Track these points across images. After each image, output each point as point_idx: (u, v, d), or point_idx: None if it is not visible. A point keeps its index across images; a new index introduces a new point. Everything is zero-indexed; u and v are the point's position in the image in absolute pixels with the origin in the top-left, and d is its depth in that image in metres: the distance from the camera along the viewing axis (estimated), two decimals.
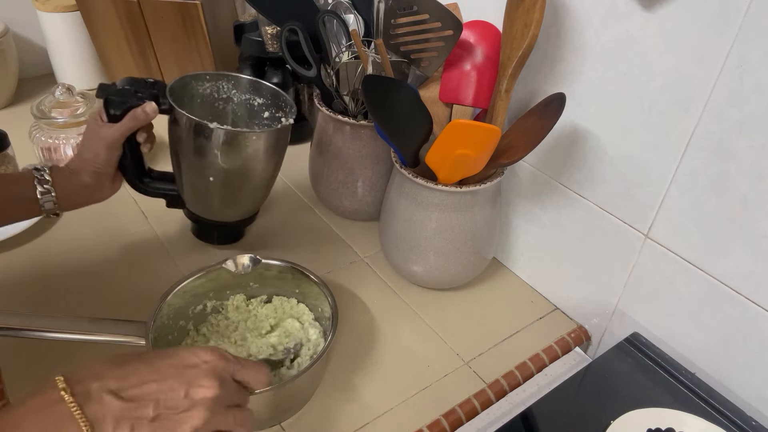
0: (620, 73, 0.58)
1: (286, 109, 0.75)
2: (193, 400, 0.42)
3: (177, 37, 1.00)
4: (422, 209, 0.67)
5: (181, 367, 0.43)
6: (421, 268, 0.71)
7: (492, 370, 0.66)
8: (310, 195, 0.89)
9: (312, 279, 0.65)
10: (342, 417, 0.60)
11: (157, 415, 0.40)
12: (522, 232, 0.77)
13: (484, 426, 0.60)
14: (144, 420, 0.40)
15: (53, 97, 0.86)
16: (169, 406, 0.41)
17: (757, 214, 0.52)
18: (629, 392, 0.59)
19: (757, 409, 0.57)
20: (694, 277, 0.58)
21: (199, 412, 0.41)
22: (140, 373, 0.42)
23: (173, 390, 0.41)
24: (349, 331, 0.69)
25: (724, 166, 0.53)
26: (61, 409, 0.38)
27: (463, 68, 0.67)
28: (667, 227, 0.59)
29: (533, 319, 0.74)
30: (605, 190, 0.64)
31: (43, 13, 1.04)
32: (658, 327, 0.64)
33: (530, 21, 0.58)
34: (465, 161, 0.60)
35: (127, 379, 0.41)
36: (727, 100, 0.51)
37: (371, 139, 0.76)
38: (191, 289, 0.64)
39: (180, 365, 0.43)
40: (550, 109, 0.61)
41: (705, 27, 0.50)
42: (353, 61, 0.74)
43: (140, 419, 0.40)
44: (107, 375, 0.41)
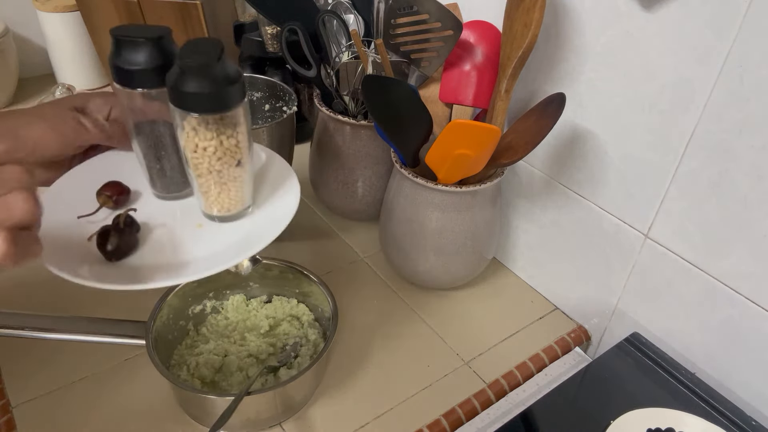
0: (620, 73, 0.58)
1: (285, 98, 0.75)
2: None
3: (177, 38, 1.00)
4: (422, 209, 0.67)
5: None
6: (421, 268, 0.71)
7: (492, 370, 0.66)
8: (310, 195, 0.89)
9: (312, 279, 0.65)
10: (342, 417, 0.60)
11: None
12: (522, 232, 0.77)
13: (484, 426, 0.60)
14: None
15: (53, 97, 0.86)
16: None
17: (757, 214, 0.52)
18: (629, 392, 0.59)
19: (757, 409, 0.57)
20: (694, 277, 0.58)
21: None
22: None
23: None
24: (349, 331, 0.69)
25: (724, 166, 0.53)
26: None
27: (463, 68, 0.68)
28: (667, 227, 0.59)
29: (533, 319, 0.74)
30: (605, 190, 0.64)
31: (43, 13, 1.04)
32: (658, 327, 0.64)
33: (530, 21, 0.58)
34: (465, 161, 0.60)
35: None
36: (727, 100, 0.51)
37: (371, 139, 0.76)
38: (191, 289, 0.64)
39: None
40: (550, 109, 0.61)
41: (705, 27, 0.50)
42: (353, 61, 0.74)
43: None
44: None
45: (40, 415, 0.58)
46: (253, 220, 0.48)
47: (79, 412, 0.58)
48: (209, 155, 0.42)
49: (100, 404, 0.59)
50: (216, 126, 0.41)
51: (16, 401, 0.58)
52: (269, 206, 0.49)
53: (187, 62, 0.39)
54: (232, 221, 0.48)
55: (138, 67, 0.42)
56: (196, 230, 0.47)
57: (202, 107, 0.40)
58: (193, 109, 0.40)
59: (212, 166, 0.43)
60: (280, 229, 0.45)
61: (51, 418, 0.57)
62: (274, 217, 0.47)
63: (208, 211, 0.48)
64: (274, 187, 0.50)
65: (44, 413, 0.58)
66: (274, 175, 0.51)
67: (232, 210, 0.47)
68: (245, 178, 0.46)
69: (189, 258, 0.44)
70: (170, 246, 0.45)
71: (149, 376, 0.60)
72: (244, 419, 0.56)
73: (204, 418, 0.57)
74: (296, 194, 0.49)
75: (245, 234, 0.46)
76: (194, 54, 0.40)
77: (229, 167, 0.44)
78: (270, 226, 0.46)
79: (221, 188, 0.45)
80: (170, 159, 0.47)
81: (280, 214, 0.47)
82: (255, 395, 0.54)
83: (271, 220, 0.47)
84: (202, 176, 0.44)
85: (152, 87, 0.43)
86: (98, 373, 0.62)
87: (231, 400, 0.53)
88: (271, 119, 0.79)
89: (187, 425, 0.58)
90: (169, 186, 0.49)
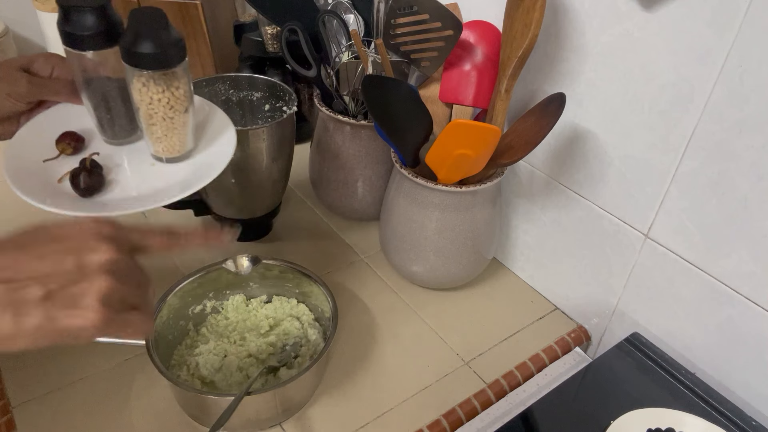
0: (620, 73, 0.58)
1: (285, 98, 0.76)
2: (88, 268, 0.35)
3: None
4: (422, 209, 0.67)
5: (62, 238, 0.36)
6: (421, 268, 0.71)
7: (492, 370, 0.66)
8: (310, 195, 0.89)
9: (312, 279, 0.65)
10: (342, 417, 0.60)
11: (48, 292, 0.33)
12: (522, 232, 0.77)
13: (484, 426, 0.60)
14: (31, 302, 0.33)
15: None
16: (60, 282, 0.34)
17: (757, 214, 0.52)
18: (629, 392, 0.59)
19: (757, 409, 0.57)
20: (694, 277, 0.58)
21: (100, 279, 0.35)
22: (10, 254, 0.34)
23: (59, 262, 0.34)
24: (349, 331, 0.69)
25: (724, 166, 0.53)
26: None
27: (463, 68, 0.68)
28: (667, 227, 0.59)
29: (533, 319, 0.74)
30: (605, 190, 0.64)
31: (43, 13, 1.04)
32: (658, 327, 0.64)
33: (530, 21, 0.58)
34: (465, 161, 0.60)
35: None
36: (727, 100, 0.51)
37: (371, 139, 0.76)
38: (191, 289, 0.64)
39: (59, 236, 0.36)
40: (550, 109, 0.61)
41: (705, 27, 0.50)
42: (353, 61, 0.74)
43: (25, 302, 0.33)
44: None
45: (40, 415, 0.58)
46: (195, 161, 0.56)
47: (79, 412, 0.58)
48: (163, 105, 0.50)
49: (100, 404, 0.59)
50: (164, 80, 0.49)
51: (16, 401, 0.58)
52: (209, 151, 0.57)
53: (141, 28, 0.46)
54: (178, 162, 0.55)
55: (87, 33, 0.48)
56: (150, 168, 0.55)
57: (154, 65, 0.48)
58: (147, 66, 0.48)
59: (165, 113, 0.51)
60: (220, 168, 0.53)
61: (51, 418, 0.57)
62: (213, 159, 0.54)
63: (157, 154, 0.55)
64: (214, 136, 0.58)
65: (44, 413, 0.58)
66: (215, 126, 0.58)
67: (179, 152, 0.54)
68: (189, 125, 0.54)
69: (149, 191, 0.52)
70: (132, 181, 0.53)
71: (149, 376, 0.60)
72: (244, 419, 0.56)
73: (204, 418, 0.57)
74: (233, 141, 0.56)
75: (191, 171, 0.54)
76: (144, 21, 0.47)
77: (179, 114, 0.52)
78: (211, 166, 0.53)
79: (171, 132, 0.52)
80: (119, 109, 0.54)
81: (220, 156, 0.54)
82: (255, 395, 0.54)
83: (211, 162, 0.54)
84: (156, 124, 0.51)
85: (99, 48, 0.49)
86: (98, 373, 0.62)
87: (231, 400, 0.53)
88: (271, 119, 0.79)
89: (187, 425, 0.58)
90: (118, 133, 0.55)
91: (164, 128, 0.52)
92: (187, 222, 0.82)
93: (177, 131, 0.53)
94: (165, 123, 0.51)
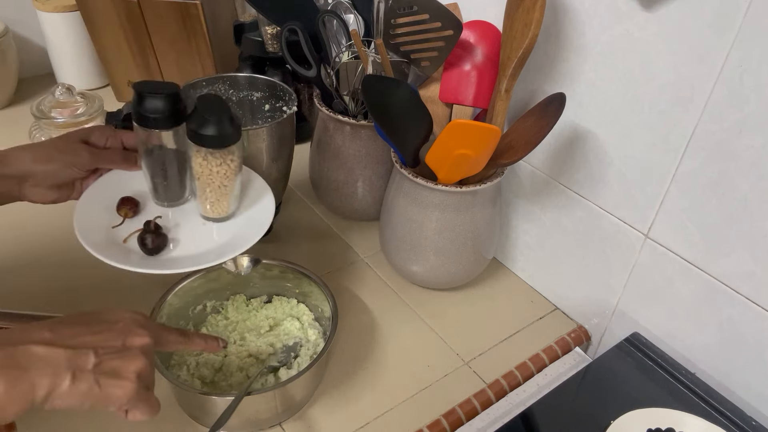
0: (620, 73, 0.58)
1: (285, 98, 0.76)
2: (131, 346, 0.42)
3: (177, 37, 1.00)
4: (422, 209, 0.67)
5: (110, 321, 0.43)
6: (421, 268, 0.71)
7: (492, 370, 0.66)
8: (310, 195, 0.89)
9: (312, 279, 0.65)
10: (342, 417, 0.60)
11: (99, 362, 0.40)
12: (522, 232, 0.77)
13: (484, 426, 0.60)
14: (86, 368, 0.39)
15: (53, 97, 0.86)
16: (109, 354, 0.41)
17: (757, 214, 0.52)
18: (629, 392, 0.59)
19: (757, 409, 0.57)
20: (694, 277, 0.58)
21: (140, 357, 0.42)
22: (70, 329, 0.41)
23: (110, 340, 0.42)
24: (349, 331, 0.69)
25: (724, 166, 0.53)
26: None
27: (463, 68, 0.67)
28: (667, 227, 0.59)
29: (533, 319, 0.74)
30: (605, 190, 0.64)
31: (43, 13, 1.04)
32: (658, 327, 0.64)
33: (530, 21, 0.58)
34: (465, 161, 0.60)
35: (59, 332, 0.40)
36: (727, 100, 0.51)
37: (371, 139, 0.76)
38: (191, 289, 0.64)
39: (108, 320, 0.44)
40: (550, 109, 0.61)
41: (705, 27, 0.50)
42: (353, 61, 0.74)
43: (82, 367, 0.39)
44: (36, 334, 0.40)
45: (40, 415, 0.58)
46: (240, 221, 0.63)
47: (79, 412, 0.58)
48: (220, 175, 0.58)
49: None
50: (222, 155, 0.57)
51: None
52: (253, 212, 0.64)
53: (207, 113, 0.55)
54: (224, 221, 0.62)
55: (158, 115, 0.56)
56: (202, 227, 0.62)
57: (216, 144, 0.56)
58: (210, 146, 0.56)
59: (221, 182, 0.58)
60: (265, 228, 0.60)
61: (51, 418, 0.57)
62: (258, 219, 0.62)
63: (206, 215, 0.62)
64: (254, 199, 0.65)
65: (44, 413, 0.58)
66: (255, 191, 0.66)
67: (226, 213, 0.62)
68: (237, 190, 0.61)
69: (204, 249, 0.59)
70: (188, 241, 0.60)
71: None
72: (244, 419, 0.56)
73: (204, 418, 0.57)
74: (272, 204, 0.63)
75: (238, 231, 0.61)
76: (210, 107, 0.55)
77: (231, 182, 0.59)
78: (256, 226, 0.60)
79: (222, 197, 0.60)
80: (173, 177, 0.61)
81: (263, 217, 0.62)
82: (255, 395, 0.54)
83: (256, 221, 0.61)
84: (212, 190, 0.59)
85: (166, 128, 0.57)
86: None
87: (231, 400, 0.53)
88: (271, 119, 0.79)
89: (187, 425, 0.58)
90: (171, 196, 0.63)
91: (217, 194, 0.59)
92: None
93: (227, 196, 0.60)
94: (219, 190, 0.59)
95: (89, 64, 1.12)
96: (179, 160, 0.60)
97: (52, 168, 0.59)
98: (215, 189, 0.59)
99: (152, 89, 0.56)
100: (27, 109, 0.88)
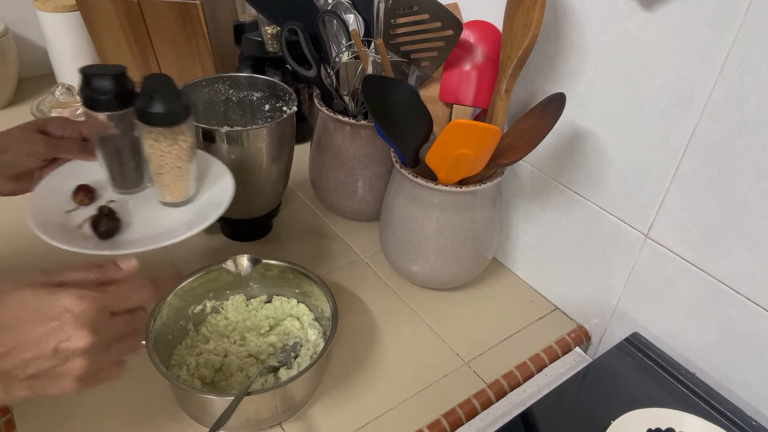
0: (620, 73, 0.58)
1: (285, 98, 0.76)
2: (64, 354, 0.39)
3: (177, 37, 1.00)
4: (422, 209, 0.67)
5: (43, 320, 0.39)
6: (421, 268, 0.71)
7: (492, 370, 0.66)
8: (310, 195, 0.89)
9: (312, 279, 0.65)
10: (342, 417, 0.60)
11: (34, 374, 0.39)
12: (522, 232, 0.77)
13: (484, 426, 0.60)
14: (18, 378, 0.39)
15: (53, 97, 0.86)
16: (43, 365, 0.39)
17: (757, 214, 0.52)
18: (629, 392, 0.59)
19: (757, 409, 0.57)
20: (694, 277, 0.58)
21: (75, 364, 0.40)
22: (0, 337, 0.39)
23: (39, 348, 0.39)
24: (349, 331, 0.69)
25: (724, 166, 0.53)
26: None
27: (463, 68, 0.67)
28: (667, 227, 0.59)
29: (533, 319, 0.74)
30: (605, 190, 0.64)
31: (43, 13, 1.04)
32: (658, 327, 0.64)
33: (530, 21, 0.58)
34: (465, 161, 0.60)
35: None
36: (727, 100, 0.51)
37: (371, 139, 0.76)
38: (191, 289, 0.64)
39: (41, 319, 0.40)
40: (550, 109, 0.61)
41: (705, 27, 0.50)
42: (353, 61, 0.74)
43: (13, 378, 0.38)
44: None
45: (40, 415, 0.58)
46: (198, 204, 0.61)
47: (79, 412, 0.58)
48: (173, 156, 0.56)
49: (100, 404, 0.59)
50: (172, 135, 0.55)
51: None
52: (212, 194, 0.62)
53: (153, 91, 0.54)
54: (183, 206, 0.61)
55: (105, 96, 0.55)
56: (159, 212, 0.60)
57: (164, 122, 0.54)
58: (158, 124, 0.54)
59: (174, 164, 0.57)
60: (223, 207, 0.59)
61: (51, 418, 0.57)
62: (216, 201, 0.60)
63: (164, 200, 0.61)
64: (213, 183, 0.63)
65: (44, 413, 0.58)
66: (214, 175, 0.64)
67: (184, 197, 0.60)
68: (193, 173, 0.60)
69: (159, 231, 0.57)
70: (144, 224, 0.59)
71: (149, 376, 0.60)
72: (244, 419, 0.56)
73: (204, 418, 0.57)
74: (231, 184, 0.62)
75: (196, 213, 0.60)
76: (156, 86, 0.54)
77: (185, 164, 0.58)
78: (214, 206, 0.59)
79: (177, 180, 0.59)
80: (129, 163, 0.60)
81: (222, 198, 0.60)
82: (255, 395, 0.54)
83: (215, 203, 0.60)
84: (165, 173, 0.58)
85: (116, 110, 0.56)
86: None
87: (231, 400, 0.53)
88: (271, 119, 0.79)
89: (187, 425, 0.58)
90: (128, 183, 0.62)
91: (172, 177, 0.58)
92: None
93: (183, 179, 0.59)
94: (173, 172, 0.58)
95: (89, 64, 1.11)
96: (133, 146, 0.59)
97: (8, 158, 0.58)
98: (169, 171, 0.57)
99: (98, 71, 0.55)
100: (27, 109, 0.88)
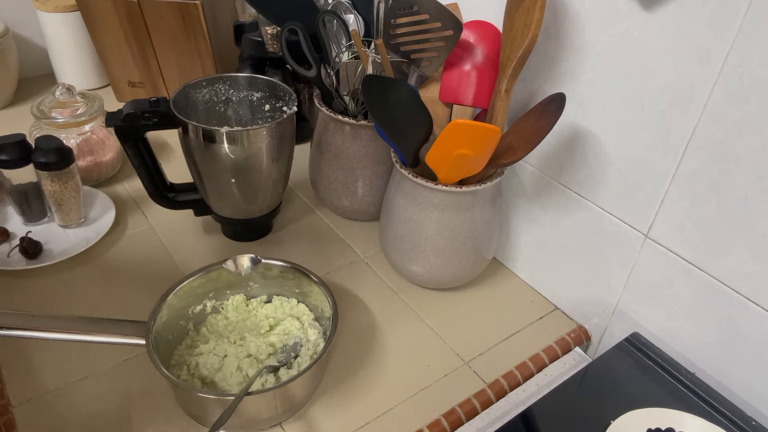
0: (620, 73, 0.58)
1: (285, 98, 0.76)
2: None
3: (177, 37, 1.00)
4: (422, 209, 0.67)
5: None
6: (421, 268, 0.71)
7: (492, 370, 0.66)
8: (310, 195, 0.89)
9: (312, 279, 0.65)
10: (342, 417, 0.60)
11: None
12: (522, 232, 0.77)
13: (484, 426, 0.60)
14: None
15: (53, 97, 0.86)
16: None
17: (757, 214, 0.52)
18: (629, 392, 0.59)
19: (757, 409, 0.57)
20: (694, 277, 0.58)
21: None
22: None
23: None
24: (349, 331, 0.69)
25: (724, 166, 0.53)
26: None
27: (463, 68, 0.68)
28: (667, 227, 0.59)
29: (533, 319, 0.74)
30: (605, 190, 0.64)
31: (43, 13, 1.04)
32: (658, 327, 0.64)
33: (530, 21, 0.58)
34: (465, 161, 0.60)
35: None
36: (727, 100, 0.51)
37: (371, 139, 0.76)
38: (191, 289, 0.64)
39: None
40: (550, 109, 0.61)
41: (705, 27, 0.50)
42: (353, 61, 0.74)
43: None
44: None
45: (40, 415, 0.58)
46: (89, 223, 0.81)
47: (79, 412, 0.58)
48: (68, 189, 0.77)
49: (100, 404, 0.59)
50: (61, 176, 0.75)
51: (16, 401, 0.58)
52: (98, 219, 0.82)
53: (45, 148, 0.73)
54: (77, 227, 0.80)
55: (9, 158, 0.73)
56: (63, 233, 0.80)
57: (57, 167, 0.74)
58: (53, 169, 0.74)
59: (65, 197, 0.77)
60: (105, 229, 0.79)
61: (51, 418, 0.57)
62: (101, 224, 0.81)
63: (63, 223, 0.80)
64: (101, 211, 0.83)
65: (44, 413, 0.58)
66: (100, 202, 0.85)
67: (77, 221, 0.80)
68: (80, 203, 0.80)
69: (64, 247, 0.77)
70: (57, 242, 0.78)
71: (149, 376, 0.60)
72: (244, 419, 0.56)
73: (204, 418, 0.57)
74: (112, 214, 0.82)
75: (89, 230, 0.80)
76: (46, 145, 0.73)
77: (74, 197, 0.78)
78: (99, 229, 0.80)
79: (70, 209, 0.79)
80: (33, 203, 0.79)
81: (105, 223, 0.81)
82: (255, 395, 0.54)
83: (99, 225, 0.80)
84: (63, 204, 0.78)
85: (18, 167, 0.75)
86: (98, 373, 0.62)
87: (231, 400, 0.53)
88: (271, 119, 0.79)
89: (187, 425, 0.58)
90: (33, 218, 0.80)
91: (67, 207, 0.78)
92: (188, 222, 0.82)
93: (74, 207, 0.79)
94: (67, 203, 0.78)
95: (89, 64, 1.12)
96: (36, 190, 0.77)
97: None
98: (65, 203, 0.77)
99: (3, 141, 0.73)
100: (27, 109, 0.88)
